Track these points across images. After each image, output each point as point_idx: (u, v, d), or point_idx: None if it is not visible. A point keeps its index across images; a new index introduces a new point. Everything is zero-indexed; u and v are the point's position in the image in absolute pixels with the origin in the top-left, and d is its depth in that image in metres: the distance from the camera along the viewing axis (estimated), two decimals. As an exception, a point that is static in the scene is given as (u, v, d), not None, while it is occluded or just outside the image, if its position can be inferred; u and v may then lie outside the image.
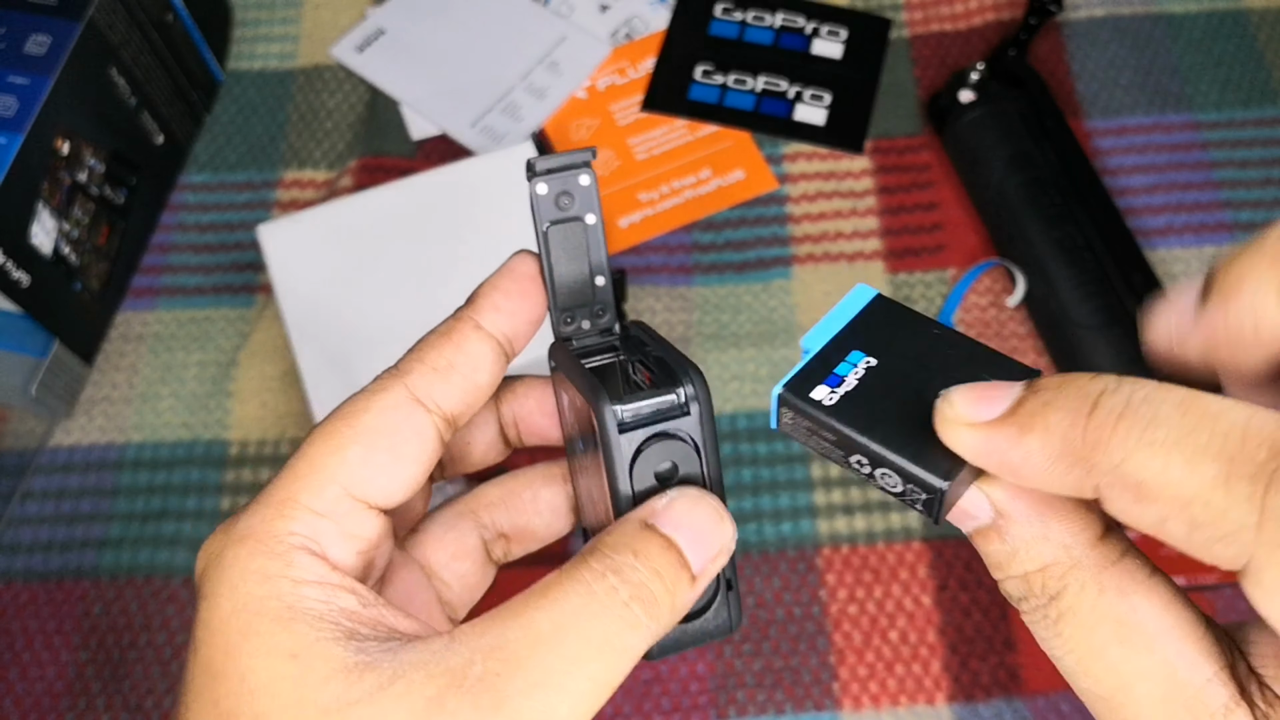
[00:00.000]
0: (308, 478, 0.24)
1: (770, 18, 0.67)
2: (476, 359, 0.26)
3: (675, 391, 0.25)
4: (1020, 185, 0.57)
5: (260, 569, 0.23)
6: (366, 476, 0.25)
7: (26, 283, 0.51)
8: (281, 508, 0.24)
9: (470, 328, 0.26)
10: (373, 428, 0.25)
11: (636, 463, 0.25)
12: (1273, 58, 0.64)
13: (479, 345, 0.26)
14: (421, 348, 0.26)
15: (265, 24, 0.67)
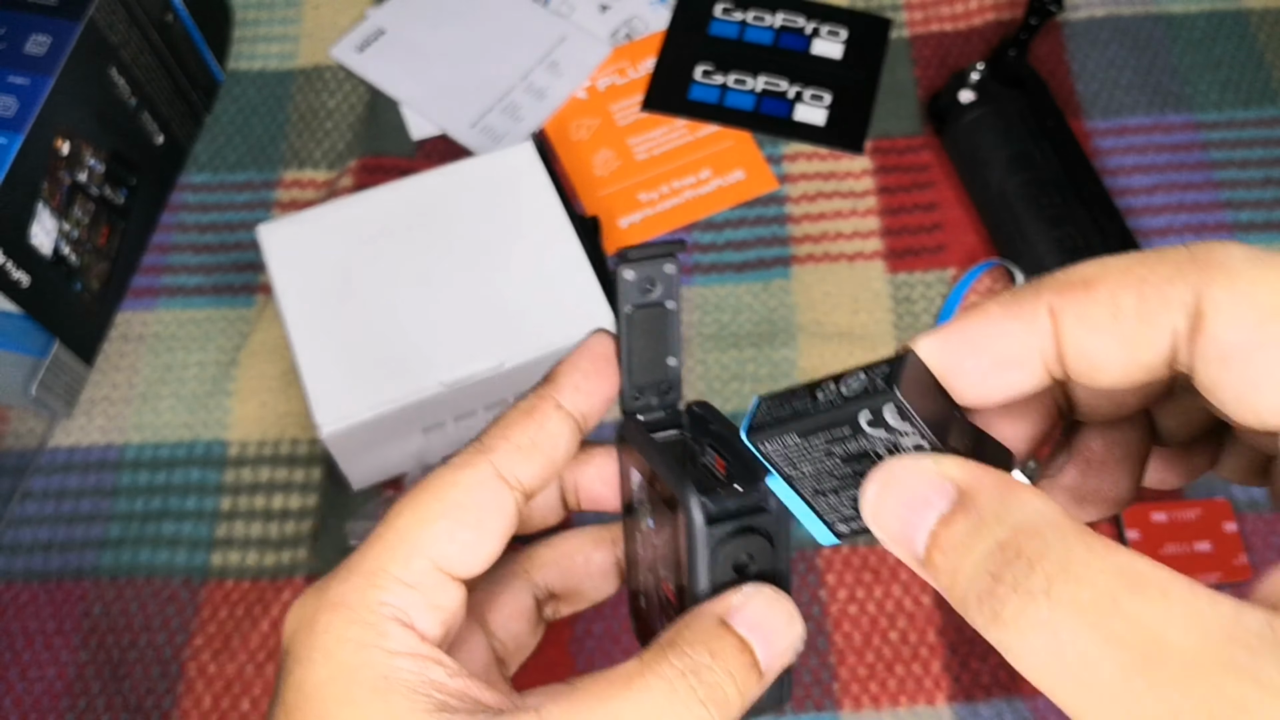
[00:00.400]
0: (396, 549, 0.25)
1: (770, 18, 0.67)
2: (556, 438, 0.27)
3: (759, 487, 0.25)
4: (1020, 185, 0.57)
5: (356, 638, 0.24)
6: (453, 550, 0.26)
7: (26, 283, 0.51)
8: (372, 577, 0.25)
9: (552, 407, 0.27)
10: (460, 503, 0.26)
11: (716, 553, 0.25)
12: (1273, 58, 0.64)
13: (559, 425, 0.27)
14: (506, 425, 0.27)
15: (265, 24, 0.68)
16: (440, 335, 0.49)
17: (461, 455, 0.27)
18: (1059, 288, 0.20)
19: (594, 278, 0.51)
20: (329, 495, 0.53)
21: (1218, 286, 0.18)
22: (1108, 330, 0.19)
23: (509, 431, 0.27)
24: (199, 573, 0.52)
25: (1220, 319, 0.18)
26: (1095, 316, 0.19)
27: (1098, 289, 0.19)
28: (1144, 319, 0.19)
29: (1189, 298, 0.18)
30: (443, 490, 0.26)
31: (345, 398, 0.48)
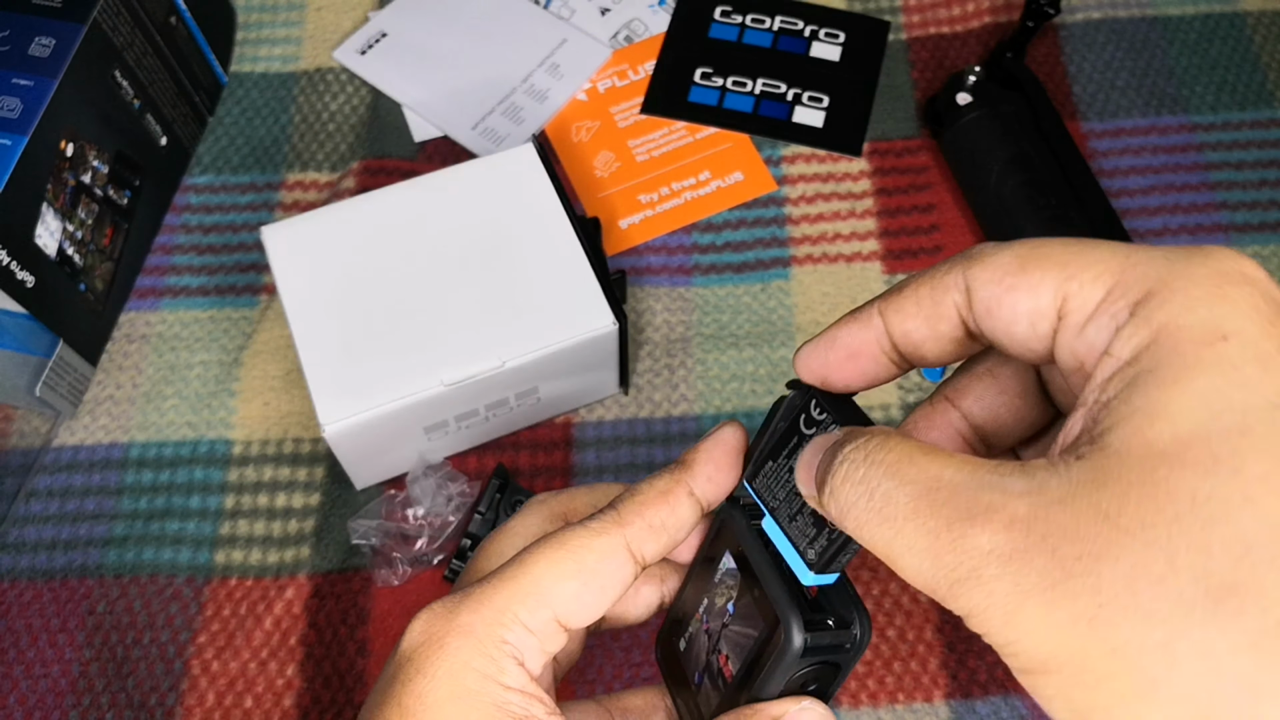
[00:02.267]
0: (528, 595, 0.28)
1: (769, 21, 0.67)
2: (684, 522, 0.30)
3: (854, 632, 0.28)
4: (1017, 187, 0.57)
5: (480, 667, 0.27)
6: (574, 609, 0.29)
7: (31, 283, 0.51)
8: (501, 615, 0.28)
9: (685, 494, 0.30)
10: (592, 569, 0.29)
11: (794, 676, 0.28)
12: (1268, 60, 0.64)
13: (689, 511, 0.30)
14: (642, 502, 0.30)
15: (268, 26, 0.68)
16: (442, 335, 0.50)
17: (600, 521, 0.30)
18: (884, 296, 0.27)
19: (594, 278, 0.51)
20: (331, 494, 0.54)
21: (975, 266, 0.25)
22: (914, 314, 0.26)
23: (645, 511, 0.30)
24: (202, 571, 0.52)
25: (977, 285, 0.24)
26: (905, 308, 0.26)
27: (905, 289, 0.26)
28: (935, 301, 0.25)
29: (960, 281, 0.25)
30: (580, 554, 0.29)
31: (348, 397, 0.48)
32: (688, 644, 0.32)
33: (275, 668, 0.50)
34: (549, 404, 0.54)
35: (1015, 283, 0.24)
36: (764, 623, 0.28)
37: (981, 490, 0.22)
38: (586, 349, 0.51)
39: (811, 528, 0.27)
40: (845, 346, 0.27)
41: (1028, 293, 0.23)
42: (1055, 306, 0.23)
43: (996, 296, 0.24)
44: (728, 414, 0.55)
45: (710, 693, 0.30)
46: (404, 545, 0.51)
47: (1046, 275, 0.23)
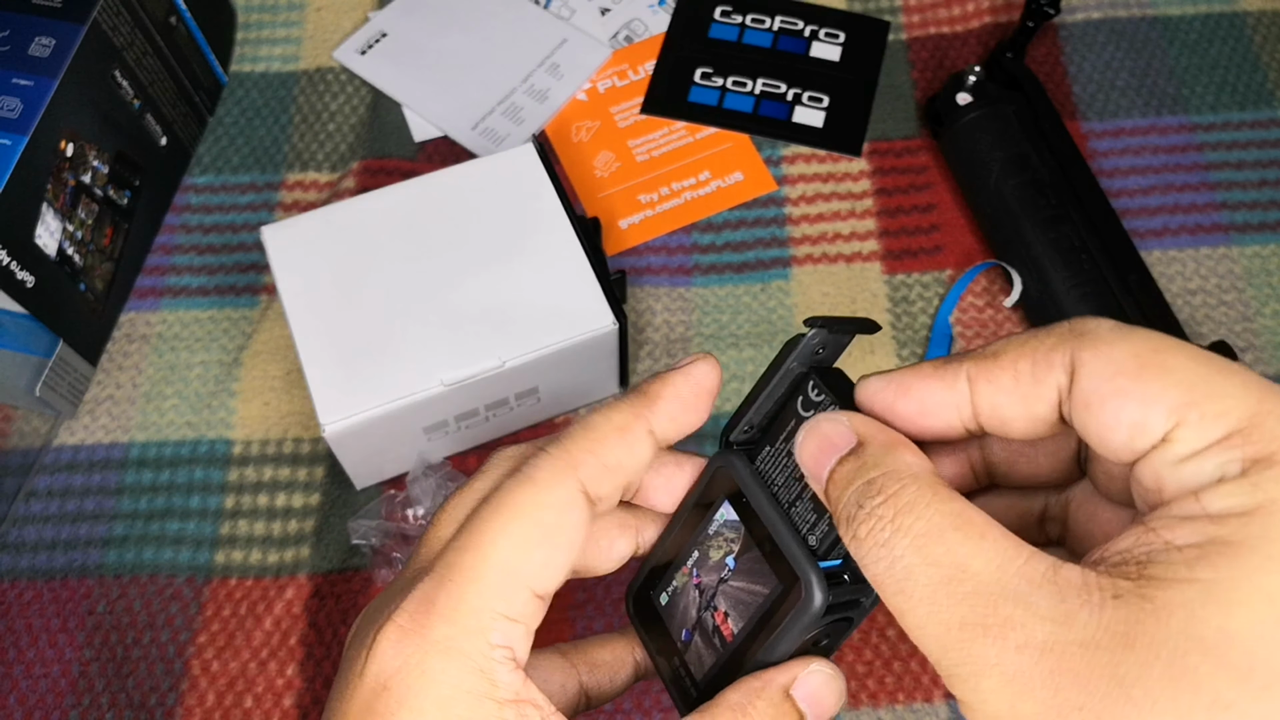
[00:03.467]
0: (502, 584, 0.26)
1: (769, 21, 0.67)
2: (642, 460, 0.28)
3: (866, 594, 0.27)
4: (1017, 187, 0.57)
5: (471, 688, 0.25)
6: (547, 575, 0.26)
7: (31, 283, 0.51)
8: (480, 617, 0.25)
9: (644, 431, 0.28)
10: (553, 527, 0.26)
11: (808, 633, 0.27)
12: (1268, 60, 0.64)
13: (646, 450, 0.28)
14: (595, 438, 0.27)
15: (268, 27, 0.68)
16: (442, 335, 0.50)
17: (546, 469, 0.27)
18: (975, 359, 0.25)
19: (594, 278, 0.51)
20: (331, 494, 0.54)
21: (1086, 350, 0.23)
22: (1010, 390, 0.24)
23: (598, 448, 0.27)
24: (202, 571, 0.52)
25: (1084, 373, 0.23)
26: (1001, 379, 0.24)
27: (1002, 358, 0.24)
28: (1036, 379, 0.23)
29: (1067, 360, 0.23)
30: (536, 513, 0.26)
31: (348, 397, 0.48)
32: (671, 598, 0.30)
33: (275, 668, 0.50)
34: (549, 404, 0.54)
35: (1128, 387, 0.22)
36: (776, 580, 0.27)
37: (1004, 598, 0.21)
38: (586, 349, 0.51)
39: (811, 514, 0.27)
40: (919, 401, 0.25)
41: (1139, 404, 0.21)
42: (1164, 429, 0.21)
43: (1102, 396, 0.22)
44: (728, 415, 0.55)
45: (703, 650, 0.29)
46: (404, 545, 0.51)
47: (1166, 391, 0.21)
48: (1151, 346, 0.22)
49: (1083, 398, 0.23)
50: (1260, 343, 0.56)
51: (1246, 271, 0.58)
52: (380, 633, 0.26)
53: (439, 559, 0.26)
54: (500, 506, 0.26)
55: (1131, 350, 0.22)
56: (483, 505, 0.27)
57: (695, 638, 0.29)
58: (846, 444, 0.25)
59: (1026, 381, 0.24)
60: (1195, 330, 0.57)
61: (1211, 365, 0.22)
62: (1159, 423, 0.21)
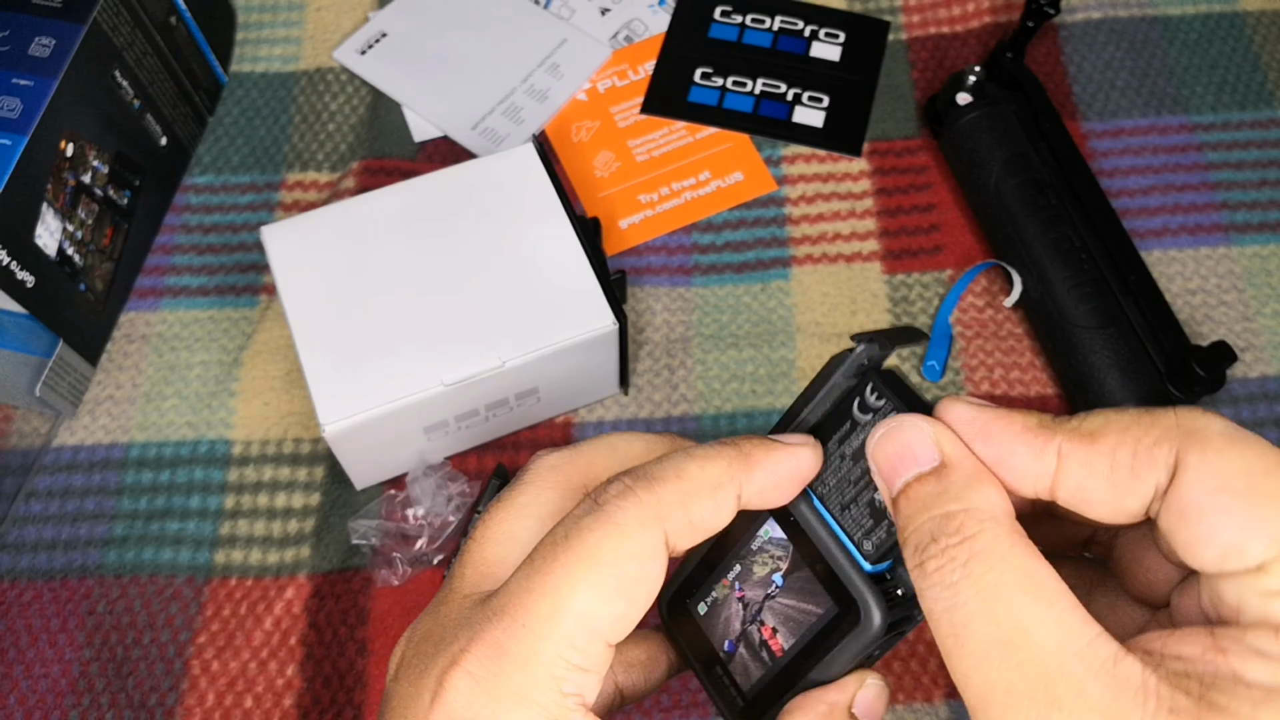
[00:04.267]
0: (579, 635, 0.25)
1: (769, 21, 0.67)
2: (723, 523, 0.27)
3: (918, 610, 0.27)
4: (1017, 187, 0.57)
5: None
6: (623, 627, 0.25)
7: (31, 283, 0.51)
8: (554, 668, 0.24)
9: (734, 495, 0.26)
10: (635, 579, 0.25)
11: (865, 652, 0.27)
12: (1268, 60, 0.64)
13: (730, 513, 0.27)
14: (687, 491, 0.26)
15: (268, 26, 0.68)
16: (442, 335, 0.50)
17: (635, 513, 0.25)
18: (1071, 434, 0.23)
19: (594, 278, 0.51)
20: (331, 494, 0.54)
21: (1193, 453, 0.22)
22: (1105, 478, 0.23)
23: (689, 501, 0.26)
24: (202, 571, 0.52)
25: (1187, 479, 0.22)
26: (1097, 465, 0.23)
27: (1101, 443, 0.23)
28: (1135, 474, 0.22)
29: (1171, 459, 0.22)
30: (619, 564, 0.25)
31: (348, 397, 0.48)
32: (710, 608, 0.30)
33: (275, 668, 0.50)
34: (549, 404, 0.54)
35: (1232, 506, 0.21)
36: (831, 600, 0.27)
37: (1059, 677, 0.20)
38: (586, 349, 0.51)
39: (868, 519, 0.26)
40: (999, 455, 0.24)
41: (1241, 527, 0.21)
42: (1262, 559, 0.21)
43: (1202, 509, 0.21)
44: (728, 414, 0.55)
45: (750, 663, 0.29)
46: (404, 545, 0.51)
47: (1273, 520, 0.21)
48: (1265, 465, 0.21)
49: (1180, 504, 0.22)
50: (1260, 343, 0.56)
51: (1246, 271, 0.58)
52: (448, 678, 0.25)
53: (511, 599, 0.25)
54: (582, 552, 0.25)
55: (1243, 465, 0.21)
56: (561, 544, 0.25)
57: (740, 649, 0.29)
58: (929, 460, 0.24)
59: (1124, 474, 0.22)
60: (1195, 330, 0.57)
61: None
62: (1257, 551, 0.21)
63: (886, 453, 0.25)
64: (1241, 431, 0.22)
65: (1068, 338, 0.54)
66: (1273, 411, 0.55)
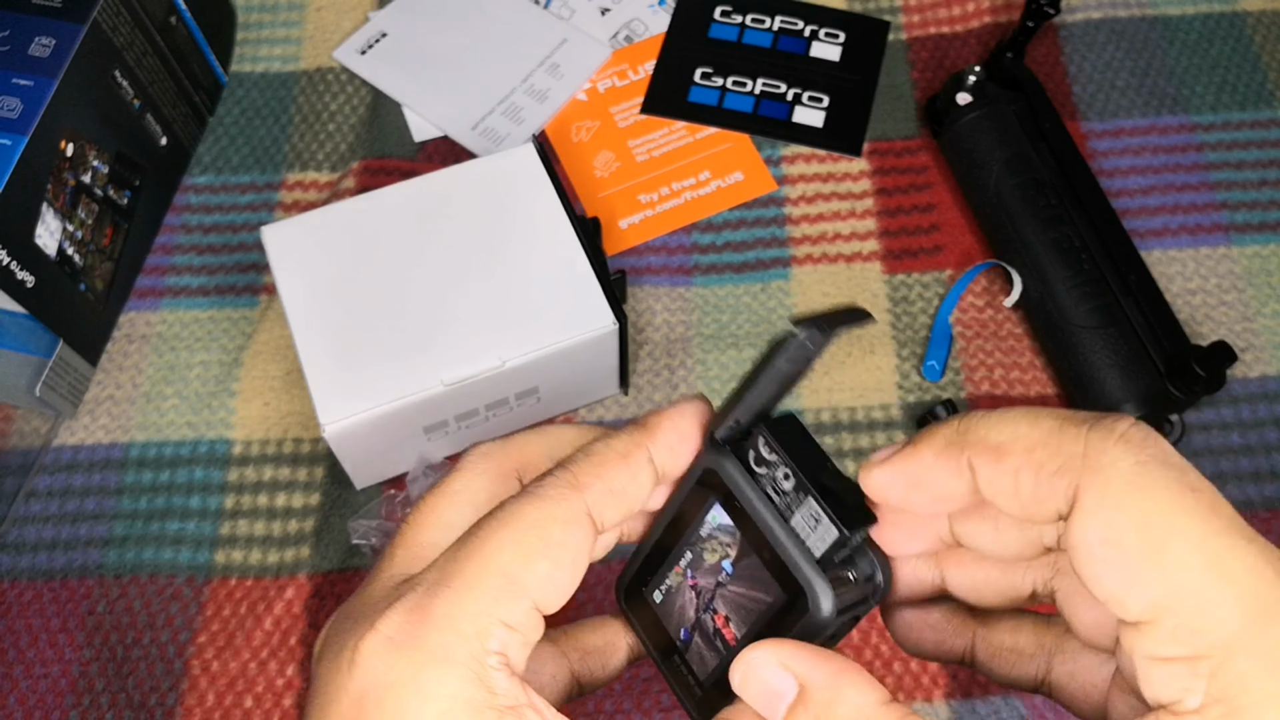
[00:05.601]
0: (504, 592, 0.25)
1: (769, 21, 0.67)
2: (643, 488, 0.28)
3: (877, 580, 0.26)
4: (1017, 187, 0.57)
5: (468, 698, 0.24)
6: (550, 591, 0.25)
7: (31, 283, 0.51)
8: (478, 623, 0.24)
9: (645, 459, 0.27)
10: (560, 543, 0.26)
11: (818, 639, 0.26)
12: (1268, 60, 0.64)
13: (648, 479, 0.28)
14: (599, 463, 0.27)
15: (269, 26, 0.68)
16: (442, 335, 0.50)
17: (553, 488, 0.26)
18: (978, 449, 0.24)
19: (594, 278, 0.51)
20: (331, 494, 0.54)
21: (1091, 494, 0.22)
22: (1010, 495, 0.23)
23: (604, 473, 0.27)
24: (202, 570, 0.52)
25: (1081, 521, 0.22)
26: (1000, 484, 0.24)
27: (1005, 461, 0.23)
28: (1036, 499, 0.23)
29: (1070, 493, 0.22)
30: (543, 528, 0.26)
31: (348, 397, 0.48)
32: (665, 595, 0.30)
33: (275, 668, 0.50)
34: (549, 404, 0.54)
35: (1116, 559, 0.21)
36: (779, 588, 0.26)
37: None
38: (586, 349, 0.51)
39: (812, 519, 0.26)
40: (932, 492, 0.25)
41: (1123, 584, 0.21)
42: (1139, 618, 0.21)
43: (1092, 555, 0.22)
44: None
45: (705, 652, 0.29)
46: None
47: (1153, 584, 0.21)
48: (1161, 519, 0.21)
49: (1073, 540, 0.22)
50: (1260, 343, 0.56)
51: (1246, 271, 0.58)
52: (363, 643, 0.24)
53: (434, 567, 0.26)
54: (505, 519, 0.26)
55: (1138, 518, 0.21)
56: (486, 518, 0.26)
57: (696, 638, 0.29)
58: (790, 690, 0.25)
59: (1026, 496, 0.23)
60: (1195, 330, 0.57)
61: (1214, 565, 0.20)
62: (1136, 609, 0.21)
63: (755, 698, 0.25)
64: (1147, 473, 0.21)
65: (1068, 338, 0.54)
66: (1273, 411, 0.55)
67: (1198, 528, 0.21)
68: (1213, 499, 0.21)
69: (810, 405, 0.55)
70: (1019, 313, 0.58)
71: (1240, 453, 0.54)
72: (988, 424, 0.24)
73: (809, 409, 0.55)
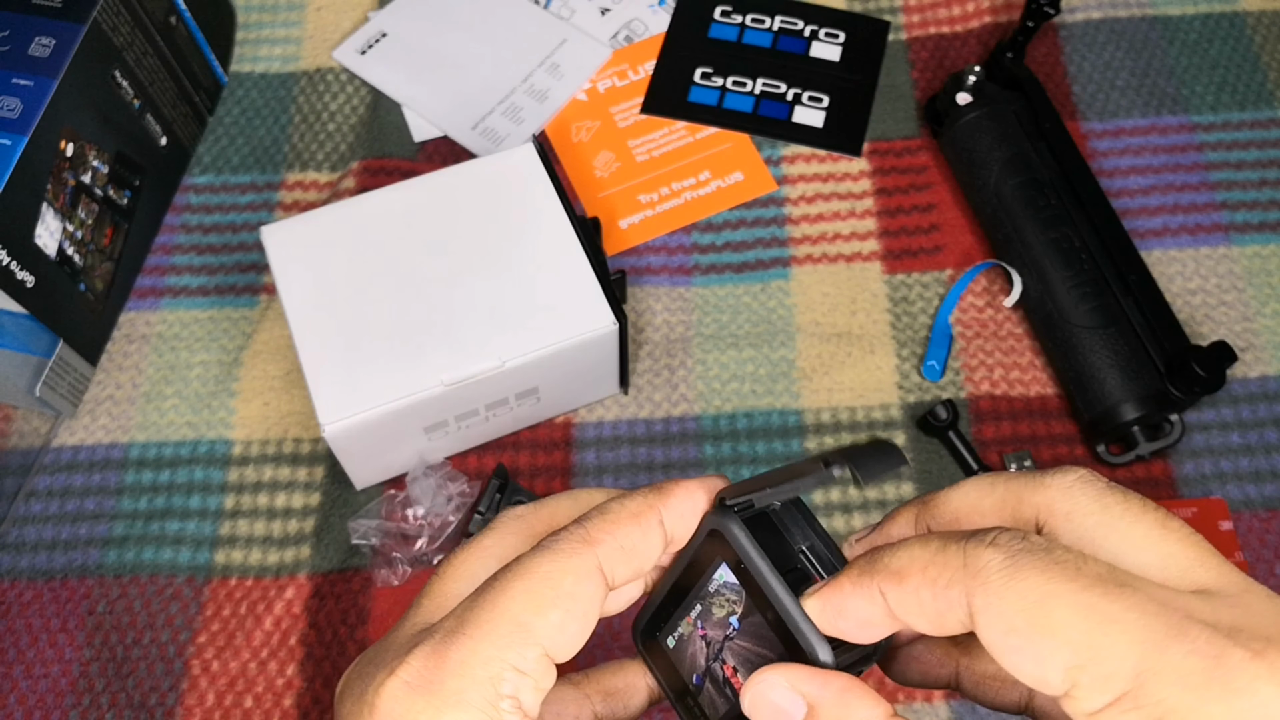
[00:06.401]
0: (512, 636, 0.26)
1: (769, 21, 0.67)
2: (654, 548, 0.29)
3: (877, 647, 0.27)
4: (1017, 187, 0.57)
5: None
6: (561, 641, 0.26)
7: (31, 283, 0.51)
8: (490, 669, 0.25)
9: (657, 521, 0.29)
10: (571, 594, 0.27)
11: None
12: (1268, 60, 0.64)
13: (657, 540, 0.29)
14: (613, 522, 0.28)
15: (268, 27, 0.68)
16: (442, 335, 0.50)
17: (566, 543, 0.28)
18: (885, 576, 0.26)
19: (594, 278, 0.51)
20: (331, 494, 0.54)
21: (978, 596, 0.24)
22: (917, 614, 0.25)
23: (617, 531, 0.28)
24: (202, 570, 0.52)
25: (981, 623, 0.24)
26: (907, 605, 0.25)
27: (906, 583, 0.25)
28: (939, 613, 0.24)
29: (964, 602, 0.24)
30: (555, 579, 0.27)
31: (348, 397, 0.48)
32: (678, 642, 0.31)
33: (275, 668, 0.50)
34: (549, 404, 0.54)
35: (1021, 647, 0.23)
36: (783, 647, 0.28)
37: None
38: (586, 349, 0.51)
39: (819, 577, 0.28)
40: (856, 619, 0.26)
41: (1034, 664, 0.23)
42: (1062, 688, 0.23)
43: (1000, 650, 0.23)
44: (727, 414, 0.55)
45: (716, 699, 0.30)
46: (404, 545, 0.51)
47: (1056, 653, 0.22)
48: (1039, 595, 0.23)
49: (985, 642, 0.24)
50: (1260, 343, 0.56)
51: (1246, 271, 0.58)
52: (383, 689, 0.26)
53: (452, 615, 0.27)
54: (520, 571, 0.27)
55: (1020, 604, 0.23)
56: (503, 570, 0.27)
57: (707, 684, 0.30)
58: (799, 710, 0.26)
59: (930, 612, 0.25)
60: (1195, 330, 0.57)
61: (1098, 615, 0.22)
62: (1056, 681, 0.23)
63: (763, 717, 0.26)
64: (1016, 564, 0.23)
65: (1068, 338, 0.54)
66: (1272, 411, 0.55)
67: (1074, 592, 0.23)
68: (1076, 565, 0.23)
69: (810, 405, 0.55)
70: (1019, 313, 0.58)
71: (1240, 453, 0.54)
72: (890, 552, 0.26)
73: (809, 409, 0.55)
